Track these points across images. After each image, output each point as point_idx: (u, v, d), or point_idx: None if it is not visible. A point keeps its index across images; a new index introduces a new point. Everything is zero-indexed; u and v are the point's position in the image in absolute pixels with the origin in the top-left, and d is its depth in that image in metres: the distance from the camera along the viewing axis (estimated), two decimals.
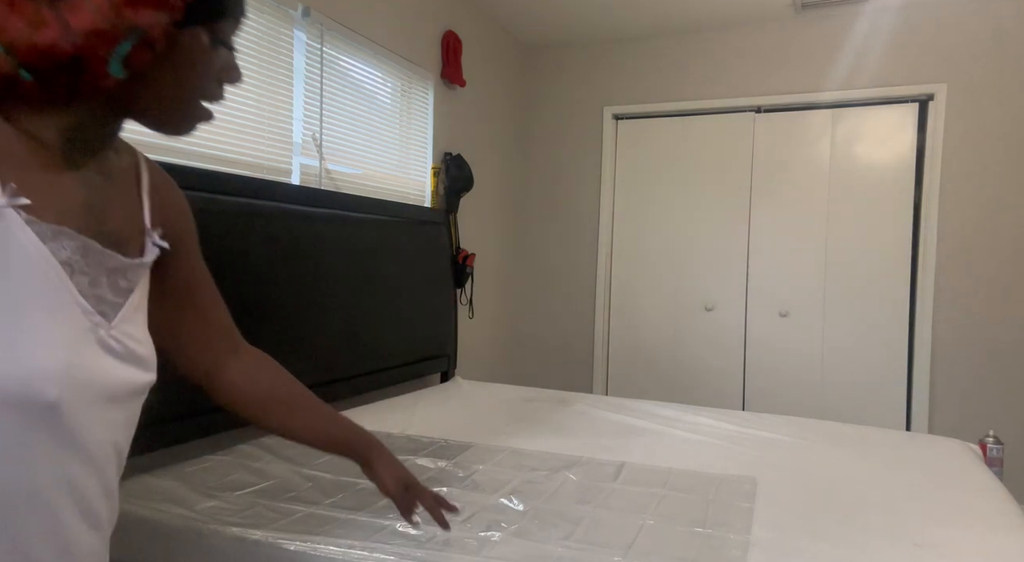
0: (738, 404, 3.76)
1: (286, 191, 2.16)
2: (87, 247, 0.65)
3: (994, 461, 2.16)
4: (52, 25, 0.56)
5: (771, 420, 2.39)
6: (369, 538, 1.31)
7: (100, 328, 0.66)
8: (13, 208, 0.58)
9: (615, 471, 1.78)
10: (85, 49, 0.57)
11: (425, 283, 2.90)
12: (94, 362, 0.65)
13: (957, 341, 3.38)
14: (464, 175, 3.33)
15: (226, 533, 1.33)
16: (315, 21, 2.45)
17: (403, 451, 1.91)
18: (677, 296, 3.91)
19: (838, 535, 1.39)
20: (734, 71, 3.77)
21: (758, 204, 3.73)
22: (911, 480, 1.77)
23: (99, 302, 0.66)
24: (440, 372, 3.11)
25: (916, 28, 3.42)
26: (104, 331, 0.66)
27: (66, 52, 0.57)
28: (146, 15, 0.59)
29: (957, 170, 3.37)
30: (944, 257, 3.40)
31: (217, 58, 0.70)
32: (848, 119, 3.56)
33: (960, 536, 1.40)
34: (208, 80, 0.70)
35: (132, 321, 0.71)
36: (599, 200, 4.08)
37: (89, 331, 0.64)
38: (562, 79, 4.17)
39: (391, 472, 1.04)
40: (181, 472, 1.66)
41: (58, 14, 0.56)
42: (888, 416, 3.48)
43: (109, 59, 0.59)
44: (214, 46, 0.69)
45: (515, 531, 1.36)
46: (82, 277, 0.64)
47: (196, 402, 1.79)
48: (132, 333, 0.70)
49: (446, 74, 3.30)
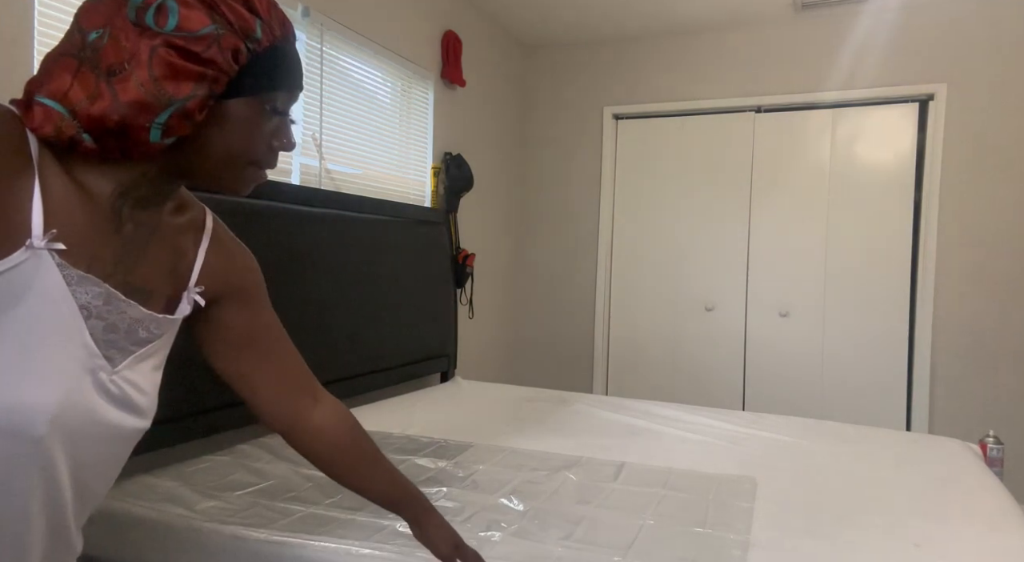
0: (738, 404, 3.76)
1: (286, 191, 2.16)
2: (110, 295, 0.68)
3: (994, 461, 2.16)
4: (106, 97, 0.62)
5: (771, 420, 2.39)
6: (369, 538, 1.31)
7: (101, 371, 0.68)
8: (48, 251, 0.62)
9: (615, 471, 1.78)
10: (129, 117, 0.62)
11: (425, 283, 2.90)
12: (88, 403, 0.67)
13: (957, 341, 3.38)
14: (464, 175, 3.33)
15: (225, 533, 1.33)
16: (315, 21, 2.45)
17: (403, 451, 1.91)
18: (677, 296, 3.91)
19: (838, 535, 1.39)
20: (734, 71, 3.77)
21: (758, 204, 3.73)
22: (911, 480, 1.77)
23: (109, 347, 0.69)
24: (440, 372, 3.11)
25: (916, 28, 3.42)
26: (105, 375, 0.69)
27: (114, 121, 0.62)
28: (186, 89, 0.63)
29: (957, 170, 3.37)
30: (944, 257, 3.40)
31: (269, 125, 0.73)
32: (848, 119, 3.56)
33: (960, 536, 1.40)
34: (258, 145, 0.72)
35: (138, 370, 0.73)
36: (599, 200, 4.08)
37: (88, 372, 0.67)
38: (562, 79, 4.17)
39: (442, 535, 1.04)
40: (181, 472, 1.66)
41: (111, 88, 0.62)
42: (888, 416, 3.48)
43: (150, 128, 0.63)
44: (266, 115, 0.72)
45: (515, 531, 1.36)
46: (98, 322, 0.67)
47: (195, 402, 1.79)
48: (134, 381, 0.73)
49: (446, 74, 3.30)
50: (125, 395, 0.71)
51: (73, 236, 0.65)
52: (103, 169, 0.67)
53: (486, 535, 1.34)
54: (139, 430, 0.75)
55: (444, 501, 1.52)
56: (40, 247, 0.61)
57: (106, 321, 0.68)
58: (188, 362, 1.83)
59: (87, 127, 0.62)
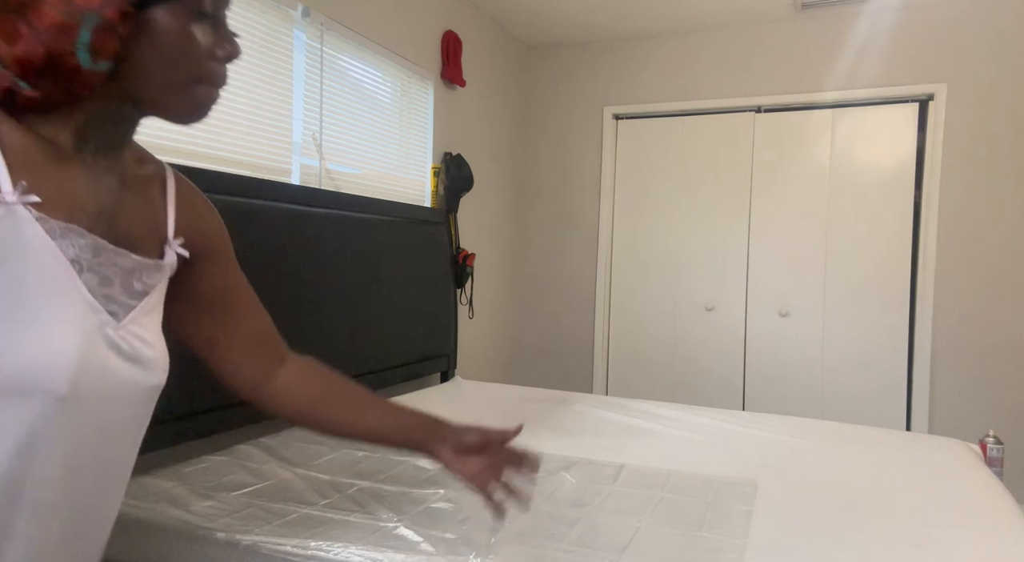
0: (738, 404, 3.76)
1: (286, 191, 2.16)
2: (98, 246, 0.66)
3: (994, 461, 2.16)
4: (24, 33, 0.59)
5: (771, 420, 2.39)
6: (364, 539, 1.31)
7: (107, 327, 0.66)
8: (24, 205, 0.60)
9: (614, 473, 1.77)
10: (52, 46, 0.60)
11: (425, 283, 2.89)
12: (104, 361, 0.66)
13: (957, 341, 3.38)
14: (464, 175, 3.33)
15: (221, 534, 1.33)
16: (315, 21, 2.45)
17: (403, 451, 1.91)
18: (677, 296, 3.90)
19: (838, 535, 1.39)
20: (734, 71, 3.77)
21: (758, 204, 3.73)
22: (911, 480, 1.77)
23: (109, 301, 0.67)
24: (440, 372, 3.11)
25: (916, 28, 3.41)
26: (112, 330, 0.67)
27: (40, 55, 0.60)
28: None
29: (957, 170, 3.37)
30: (944, 257, 3.40)
31: (202, 33, 0.68)
32: (848, 119, 3.55)
33: (960, 536, 1.40)
34: (199, 59, 0.68)
35: (142, 324, 0.71)
36: (599, 200, 4.07)
37: (97, 329, 0.65)
38: (562, 79, 4.16)
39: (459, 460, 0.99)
40: (179, 472, 1.66)
41: (25, 20, 0.59)
42: (888, 416, 3.48)
43: (76, 51, 0.61)
44: (196, 19, 0.67)
45: (510, 534, 1.36)
46: (91, 275, 0.65)
47: (195, 402, 1.79)
48: (141, 335, 0.71)
49: (446, 74, 3.30)
50: (136, 351, 0.69)
51: (46, 189, 0.63)
52: (57, 117, 0.65)
53: (481, 537, 1.34)
54: (155, 388, 0.73)
55: (441, 503, 1.52)
56: (12, 202, 0.59)
57: (100, 275, 0.66)
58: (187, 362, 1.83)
59: (19, 73, 0.60)
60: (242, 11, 2.14)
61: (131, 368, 0.69)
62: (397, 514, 1.44)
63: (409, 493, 1.57)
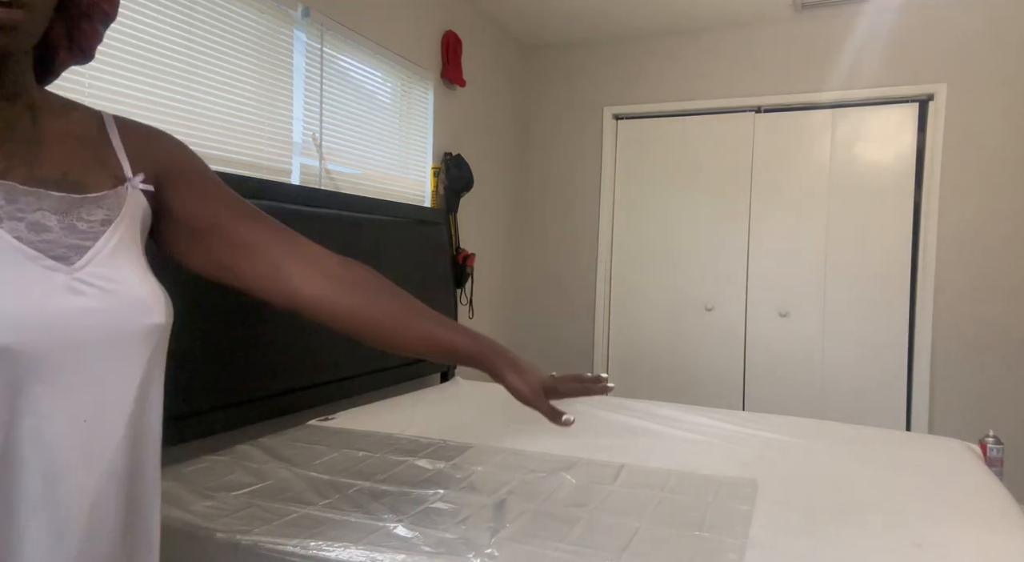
0: (738, 404, 3.76)
1: (286, 191, 2.16)
2: (9, 190, 0.63)
3: (994, 461, 2.16)
4: None
5: (771, 420, 2.39)
6: (363, 539, 1.31)
7: (59, 273, 0.63)
8: None
9: (614, 473, 1.77)
10: None
11: (425, 283, 2.90)
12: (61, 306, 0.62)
13: (957, 341, 3.38)
14: (464, 175, 3.33)
15: (221, 534, 1.33)
16: (315, 21, 2.45)
17: (403, 452, 1.91)
18: (677, 296, 3.90)
19: (838, 535, 1.39)
20: (734, 71, 3.77)
21: (758, 204, 3.73)
22: (911, 480, 1.77)
23: (54, 246, 0.64)
24: (440, 372, 3.11)
25: (916, 28, 3.42)
26: (65, 275, 0.64)
27: None
28: None
29: (957, 170, 3.37)
30: (944, 257, 3.40)
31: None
32: (848, 119, 3.55)
33: (960, 536, 1.40)
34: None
35: (109, 264, 0.68)
36: (599, 200, 4.08)
37: (44, 276, 0.62)
38: (562, 79, 4.16)
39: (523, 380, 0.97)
40: (179, 472, 1.66)
41: None
42: (888, 416, 3.48)
43: None
44: None
45: (510, 534, 1.36)
46: (14, 223, 0.62)
47: (195, 402, 1.79)
48: (107, 275, 0.67)
49: (446, 74, 3.30)
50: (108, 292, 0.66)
51: None
52: None
53: (481, 537, 1.34)
54: (152, 327, 0.70)
55: (440, 503, 1.52)
56: None
57: (24, 220, 0.63)
58: (187, 362, 1.84)
59: None
60: (242, 11, 2.14)
61: (106, 310, 0.66)
62: (397, 514, 1.44)
63: (409, 493, 1.57)
